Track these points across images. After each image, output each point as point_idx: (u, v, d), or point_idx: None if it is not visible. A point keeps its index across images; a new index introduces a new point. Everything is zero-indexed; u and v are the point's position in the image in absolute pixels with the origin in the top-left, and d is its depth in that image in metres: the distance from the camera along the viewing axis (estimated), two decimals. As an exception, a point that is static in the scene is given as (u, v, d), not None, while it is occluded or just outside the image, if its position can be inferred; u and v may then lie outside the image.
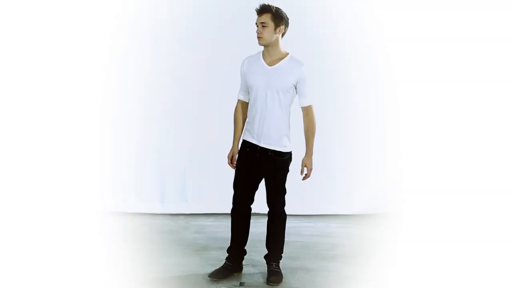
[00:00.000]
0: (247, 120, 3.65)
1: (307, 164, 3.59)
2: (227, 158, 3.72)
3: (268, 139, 3.51)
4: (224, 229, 4.82)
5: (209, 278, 3.63)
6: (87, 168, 5.23)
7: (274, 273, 3.62)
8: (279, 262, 3.70)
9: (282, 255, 3.72)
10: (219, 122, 5.22)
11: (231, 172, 3.70)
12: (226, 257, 3.76)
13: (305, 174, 3.64)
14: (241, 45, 3.65)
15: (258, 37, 3.47)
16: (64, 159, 5.11)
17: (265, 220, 3.70)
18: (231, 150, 3.71)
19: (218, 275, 3.67)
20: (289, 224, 5.05)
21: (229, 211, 3.73)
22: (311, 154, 3.60)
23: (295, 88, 3.52)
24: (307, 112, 3.56)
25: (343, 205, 5.50)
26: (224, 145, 3.82)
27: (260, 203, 3.74)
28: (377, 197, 5.46)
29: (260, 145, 3.54)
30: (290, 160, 3.63)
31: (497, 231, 4.07)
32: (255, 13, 3.52)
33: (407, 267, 3.75)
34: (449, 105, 4.87)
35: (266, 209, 3.71)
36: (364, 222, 5.23)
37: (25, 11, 4.96)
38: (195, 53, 5.40)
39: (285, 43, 5.45)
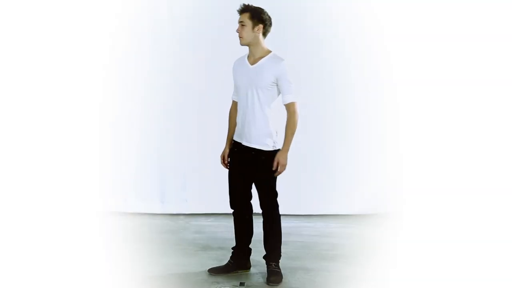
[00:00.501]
0: None
1: (279, 159, 3.52)
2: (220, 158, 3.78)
3: (249, 138, 3.54)
4: (224, 229, 4.83)
5: (208, 273, 3.73)
6: (87, 168, 5.23)
7: (274, 273, 3.63)
8: (279, 262, 3.70)
9: (281, 254, 3.73)
10: (219, 122, 5.17)
11: (231, 172, 3.72)
12: (231, 254, 3.83)
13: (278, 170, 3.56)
14: (240, 45, 3.66)
15: (239, 37, 3.53)
16: (64, 159, 5.12)
17: (265, 220, 3.71)
18: (223, 150, 3.77)
19: (216, 270, 3.76)
20: (289, 224, 5.08)
21: (229, 211, 3.80)
22: (286, 151, 3.53)
23: (277, 85, 3.51)
24: (288, 109, 3.53)
25: (343, 205, 5.50)
26: (224, 145, 3.82)
27: (259, 202, 3.74)
28: (377, 197, 5.46)
29: (243, 144, 3.58)
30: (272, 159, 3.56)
31: (497, 231, 4.07)
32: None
33: (407, 267, 3.75)
34: (449, 105, 4.87)
35: (265, 209, 3.71)
36: (364, 222, 5.23)
37: (25, 11, 4.97)
38: (195, 53, 5.40)
39: (285, 43, 5.46)
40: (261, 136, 3.52)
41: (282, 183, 5.33)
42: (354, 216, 5.41)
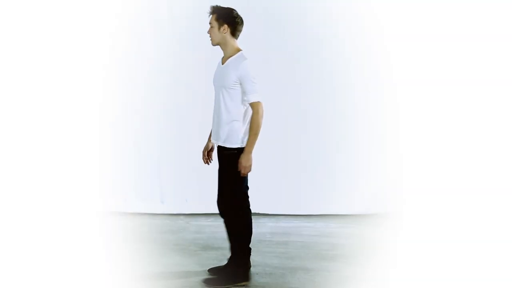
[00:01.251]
0: None
1: (241, 161, 3.46)
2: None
3: (216, 136, 3.59)
4: (224, 229, 4.81)
5: (208, 273, 3.73)
6: (87, 168, 5.23)
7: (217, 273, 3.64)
8: (240, 262, 3.58)
9: (242, 253, 3.60)
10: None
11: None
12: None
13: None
14: (240, 45, 3.65)
15: (209, 38, 3.59)
16: (64, 159, 5.12)
17: (266, 219, 3.71)
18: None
19: (216, 270, 3.75)
20: (289, 224, 5.08)
21: (229, 211, 3.79)
22: (248, 152, 3.46)
23: (241, 85, 3.48)
24: (252, 109, 3.48)
25: (343, 205, 5.50)
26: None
27: (259, 202, 3.73)
28: (377, 197, 5.46)
29: (212, 141, 3.65)
30: (236, 157, 3.51)
31: (497, 231, 4.08)
32: (255, 13, 3.57)
33: (407, 267, 3.75)
34: (449, 105, 4.87)
35: (265, 209, 3.70)
36: (364, 222, 5.23)
37: (25, 11, 4.97)
38: (195, 53, 5.40)
39: (285, 43, 5.45)
40: (226, 135, 3.52)
41: (283, 183, 5.35)
42: (354, 216, 5.41)
